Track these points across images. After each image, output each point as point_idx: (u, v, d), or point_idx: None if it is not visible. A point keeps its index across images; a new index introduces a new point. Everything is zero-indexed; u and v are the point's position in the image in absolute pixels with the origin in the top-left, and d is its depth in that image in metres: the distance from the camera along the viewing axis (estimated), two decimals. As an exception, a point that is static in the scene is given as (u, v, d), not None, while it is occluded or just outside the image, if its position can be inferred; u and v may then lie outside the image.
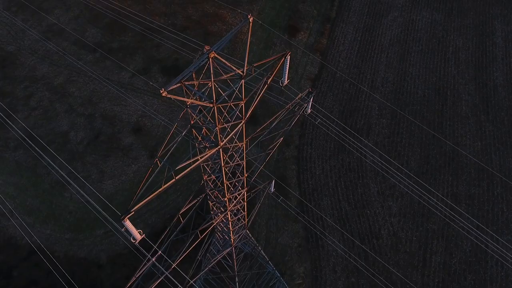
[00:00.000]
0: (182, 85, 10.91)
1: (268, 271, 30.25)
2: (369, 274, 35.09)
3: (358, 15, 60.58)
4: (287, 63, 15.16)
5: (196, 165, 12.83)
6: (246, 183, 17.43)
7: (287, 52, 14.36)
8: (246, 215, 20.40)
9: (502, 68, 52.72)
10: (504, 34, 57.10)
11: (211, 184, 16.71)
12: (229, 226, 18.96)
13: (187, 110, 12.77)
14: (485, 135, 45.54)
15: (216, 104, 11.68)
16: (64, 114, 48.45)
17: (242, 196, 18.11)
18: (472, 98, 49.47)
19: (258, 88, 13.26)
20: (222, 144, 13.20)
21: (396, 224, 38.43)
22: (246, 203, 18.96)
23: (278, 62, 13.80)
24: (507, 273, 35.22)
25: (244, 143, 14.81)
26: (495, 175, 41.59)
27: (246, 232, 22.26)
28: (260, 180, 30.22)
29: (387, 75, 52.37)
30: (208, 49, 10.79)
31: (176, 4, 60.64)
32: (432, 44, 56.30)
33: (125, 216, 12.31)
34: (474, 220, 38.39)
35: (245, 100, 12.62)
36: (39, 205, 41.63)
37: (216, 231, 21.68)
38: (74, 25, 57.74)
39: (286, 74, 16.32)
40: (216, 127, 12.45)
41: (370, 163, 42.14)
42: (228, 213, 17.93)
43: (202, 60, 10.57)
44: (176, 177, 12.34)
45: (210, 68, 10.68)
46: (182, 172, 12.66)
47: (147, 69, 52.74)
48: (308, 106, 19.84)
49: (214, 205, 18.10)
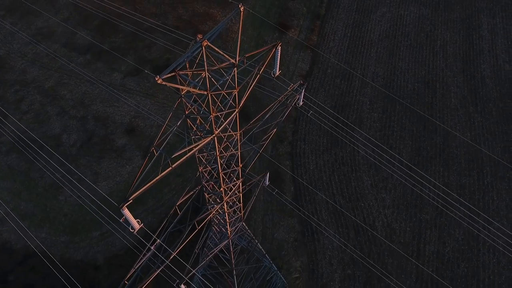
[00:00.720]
0: (176, 75, 11.14)
1: (265, 265, 30.57)
2: (366, 265, 35.61)
3: (347, 12, 61.23)
4: (278, 53, 15.47)
5: (192, 153, 13.07)
6: (241, 174, 17.71)
7: (278, 43, 14.67)
8: (242, 207, 20.68)
9: (489, 60, 53.75)
10: (490, 27, 58.19)
11: (206, 176, 16.94)
12: (226, 218, 19.20)
13: (181, 100, 13.00)
14: (474, 126, 46.45)
15: (210, 91, 11.92)
16: (56, 117, 48.20)
17: (237, 187, 18.38)
18: (460, 90, 50.37)
19: (250, 77, 13.58)
20: (216, 132, 13.45)
21: (390, 215, 39.04)
22: (241, 194, 19.24)
23: (270, 53, 14.11)
24: (498, 260, 36.03)
25: (238, 132, 15.09)
26: (485, 165, 42.47)
27: (242, 224, 22.52)
28: (255, 174, 30.53)
29: (377, 70, 53.05)
30: (200, 37, 11.03)
31: (166, 4, 60.65)
32: (421, 38, 57.16)
33: (124, 205, 12.52)
34: (466, 210, 39.18)
35: (238, 89, 12.90)
36: (33, 209, 41.39)
37: (213, 224, 21.91)
38: (64, 28, 57.40)
39: (278, 65, 16.64)
40: (210, 115, 12.69)
41: (364, 154, 42.71)
42: (224, 204, 18.19)
43: (195, 49, 10.81)
44: (173, 166, 12.56)
45: (203, 56, 10.92)
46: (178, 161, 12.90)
47: (139, 70, 52.68)
48: (300, 98, 20.18)
49: (210, 197, 18.34)
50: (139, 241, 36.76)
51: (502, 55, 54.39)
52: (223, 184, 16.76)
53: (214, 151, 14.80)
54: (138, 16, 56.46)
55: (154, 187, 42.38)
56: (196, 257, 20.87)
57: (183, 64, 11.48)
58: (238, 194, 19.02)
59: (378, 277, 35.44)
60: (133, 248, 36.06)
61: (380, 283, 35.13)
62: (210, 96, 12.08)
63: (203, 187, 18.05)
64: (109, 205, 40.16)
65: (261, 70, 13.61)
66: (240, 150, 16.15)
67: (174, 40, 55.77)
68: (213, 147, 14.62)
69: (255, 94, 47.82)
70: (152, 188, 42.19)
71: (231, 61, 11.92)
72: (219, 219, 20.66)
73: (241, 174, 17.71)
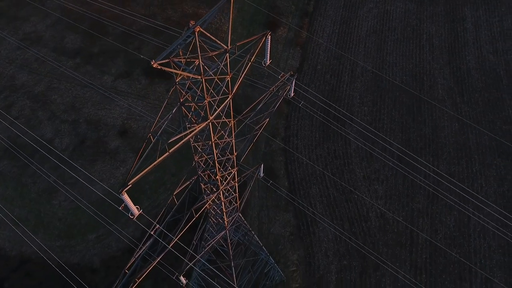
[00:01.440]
0: (170, 61, 11.47)
1: (262, 257, 30.97)
2: (365, 252, 36.24)
3: (335, 8, 62.05)
4: (268, 42, 15.89)
5: (188, 139, 13.40)
6: (235, 162, 18.09)
7: (268, 32, 15.08)
8: (237, 197, 21.03)
9: (473, 52, 55.02)
10: (473, 20, 59.54)
11: (202, 165, 17.27)
12: (222, 207, 19.55)
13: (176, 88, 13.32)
14: (462, 116, 47.54)
15: (204, 76, 12.26)
16: (47, 121, 47.94)
17: (232, 176, 18.74)
18: (447, 82, 51.47)
19: (242, 64, 14.00)
20: (211, 118, 13.81)
21: (383, 206, 39.77)
22: (237, 184, 19.61)
23: (260, 42, 14.52)
24: (489, 244, 36.99)
25: (232, 119, 15.44)
26: (473, 153, 43.52)
27: (238, 215, 22.86)
28: (249, 167, 30.88)
29: (366, 64, 53.91)
30: (193, 23, 11.36)
31: (155, 6, 60.71)
32: (407, 32, 58.22)
33: (123, 189, 12.77)
34: (455, 198, 40.11)
35: (231, 75, 13.28)
36: (27, 215, 41.13)
37: (210, 215, 22.23)
38: (52, 32, 57.08)
39: (268, 54, 17.07)
40: (205, 101, 13.04)
41: (355, 148, 43.42)
42: (220, 193, 18.53)
43: (188, 34, 11.12)
44: (170, 150, 12.89)
45: (196, 42, 11.26)
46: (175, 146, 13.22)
47: (130, 72, 52.67)
48: (291, 89, 20.60)
49: (206, 187, 18.68)
50: (139, 236, 36.86)
51: (486, 47, 55.72)
52: (218, 173, 17.09)
53: (209, 139, 15.15)
54: (127, 18, 56.44)
55: (149, 187, 42.48)
56: (194, 250, 21.15)
57: (177, 51, 11.81)
58: (233, 184, 19.38)
59: (373, 267, 36.10)
60: (131, 244, 36.13)
61: (375, 272, 35.79)
62: (204, 81, 12.43)
63: (199, 177, 18.36)
64: (105, 207, 40.22)
65: (252, 57, 14.02)
66: (234, 138, 16.54)
67: (165, 40, 55.89)
68: (208, 135, 14.97)
69: (246, 92, 48.25)
70: (147, 189, 42.30)
71: (223, 47, 12.30)
72: (216, 210, 20.99)
73: (236, 163, 18.09)
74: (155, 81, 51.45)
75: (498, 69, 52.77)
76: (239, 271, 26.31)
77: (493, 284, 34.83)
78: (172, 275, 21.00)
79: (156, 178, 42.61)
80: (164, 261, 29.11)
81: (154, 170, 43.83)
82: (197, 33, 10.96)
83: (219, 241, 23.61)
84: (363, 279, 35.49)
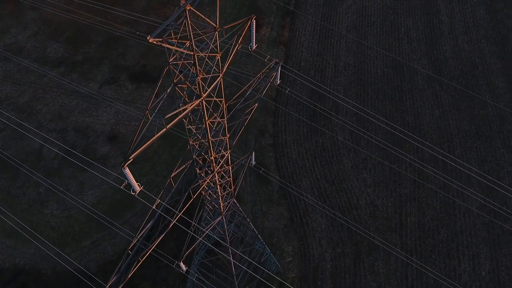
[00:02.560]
0: (163, 40, 12.12)
1: (258, 246, 31.63)
2: (362, 233, 37.27)
3: (315, 7, 63.54)
4: (253, 27, 16.72)
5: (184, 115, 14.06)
6: (228, 145, 18.84)
7: (252, 16, 15.89)
8: (232, 182, 21.71)
9: (449, 42, 57.24)
10: (448, 12, 61.92)
11: (197, 147, 17.91)
12: (217, 190, 20.18)
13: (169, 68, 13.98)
14: (442, 103, 49.41)
15: (196, 52, 12.92)
16: (34, 132, 47.58)
17: (225, 159, 19.46)
18: (426, 72, 53.40)
19: (231, 45, 14.79)
20: (204, 95, 14.50)
21: (372, 193, 41.00)
22: (230, 167, 20.32)
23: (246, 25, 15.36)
24: (474, 223, 38.58)
25: (223, 99, 16.13)
26: (454, 138, 45.30)
27: (233, 201, 23.50)
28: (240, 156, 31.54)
29: (348, 59, 55.42)
30: (183, 2, 12.03)
31: (137, 11, 60.95)
32: (386, 26, 60.10)
33: (125, 163, 13.28)
34: (440, 183, 41.70)
35: (221, 53, 14.02)
36: (19, 226, 40.71)
37: (206, 202, 22.82)
38: (34, 42, 56.71)
39: (254, 39, 17.92)
40: (198, 77, 13.72)
41: (342, 140, 44.62)
42: (215, 175, 19.20)
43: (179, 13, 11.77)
44: (167, 126, 13.53)
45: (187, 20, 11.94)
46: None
47: (115, 78, 52.77)
48: (277, 76, 21.40)
49: (201, 172, 19.33)
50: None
51: (461, 37, 58.04)
52: (213, 153, 17.78)
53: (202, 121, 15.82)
54: (110, 25, 56.58)
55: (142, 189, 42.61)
56: (192, 236, 21.70)
57: (169, 31, 12.44)
58: (227, 168, 20.08)
59: (366, 252, 37.19)
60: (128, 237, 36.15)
61: (368, 257, 36.87)
62: (196, 57, 13.12)
63: (194, 161, 18.99)
64: (97, 214, 40.19)
65: (240, 38, 14.84)
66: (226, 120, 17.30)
67: (149, 46, 56.25)
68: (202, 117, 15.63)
69: (232, 90, 48.99)
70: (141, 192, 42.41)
71: (212, 25, 13.06)
72: (211, 195, 21.61)
73: (228, 145, 18.82)
74: (142, 85, 51.71)
75: (473, 57, 55.05)
76: (236, 259, 26.89)
77: (480, 260, 36.36)
78: (172, 264, 21.49)
79: (148, 180, 42.86)
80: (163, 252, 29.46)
81: (146, 173, 44.11)
82: (187, 11, 11.64)
83: (215, 227, 24.20)
84: (357, 264, 36.51)
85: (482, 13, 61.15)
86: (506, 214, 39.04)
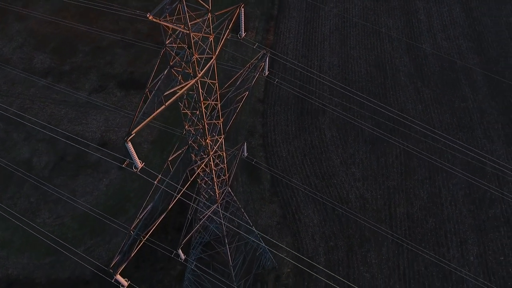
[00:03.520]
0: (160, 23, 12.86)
1: (252, 240, 32.15)
2: (359, 220, 38.05)
3: (298, 10, 65.28)
4: (242, 15, 17.67)
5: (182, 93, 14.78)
6: (222, 130, 19.61)
7: (241, 4, 16.82)
8: (226, 168, 22.37)
9: (428, 39, 59.47)
10: (425, 11, 64.39)
11: (193, 131, 18.56)
12: (213, 176, 20.81)
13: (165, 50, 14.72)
14: (424, 98, 51.17)
15: (192, 31, 13.66)
16: (23, 142, 47.41)
17: (220, 145, 20.18)
18: (407, 69, 55.30)
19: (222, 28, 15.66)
20: (200, 75, 15.24)
21: (361, 187, 42.04)
22: (224, 153, 21.03)
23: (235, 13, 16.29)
24: (460, 210, 39.89)
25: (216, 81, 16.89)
26: (437, 130, 46.92)
27: (228, 190, 24.09)
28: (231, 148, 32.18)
29: (332, 60, 57.00)
30: None
31: (123, 20, 61.60)
32: (367, 27, 62.09)
33: (128, 138, 13.79)
34: (426, 172, 43.05)
35: (213, 35, 14.82)
36: (11, 237, 40.36)
37: (202, 190, 23.42)
38: (20, 54, 56.68)
39: (243, 27, 18.89)
40: (193, 57, 14.45)
41: (330, 136, 45.75)
42: (211, 159, 19.86)
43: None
44: (166, 103, 14.21)
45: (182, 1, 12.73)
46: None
47: (104, 86, 53.07)
48: (265, 67, 22.25)
49: (197, 158, 20.01)
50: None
51: (439, 34, 60.37)
52: (208, 136, 18.49)
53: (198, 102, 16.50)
54: (96, 34, 57.04)
55: (134, 195, 42.80)
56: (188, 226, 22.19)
57: (164, 15, 13.16)
58: (221, 154, 20.80)
59: (358, 244, 38.03)
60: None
61: (360, 249, 37.70)
62: (191, 37, 13.86)
63: (190, 147, 19.65)
64: (91, 219, 40.21)
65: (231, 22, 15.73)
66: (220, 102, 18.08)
67: (136, 54, 56.88)
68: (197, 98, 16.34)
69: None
70: (132, 196, 42.61)
71: (205, 7, 13.90)
72: (206, 182, 22.22)
73: (222, 130, 19.58)
74: (131, 92, 52.12)
75: (452, 53, 57.27)
76: (232, 250, 27.39)
77: (467, 246, 37.56)
78: (170, 254, 21.91)
79: (140, 185, 43.06)
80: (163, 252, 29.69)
81: (137, 178, 44.27)
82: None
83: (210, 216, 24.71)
84: (349, 257, 37.29)
85: (458, 11, 63.79)
86: (489, 201, 40.54)
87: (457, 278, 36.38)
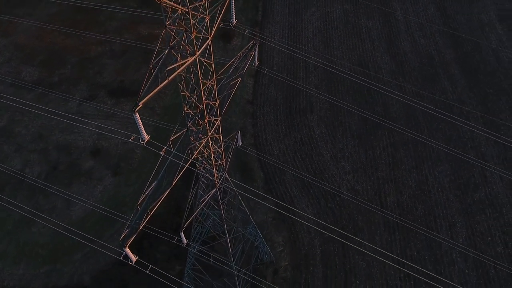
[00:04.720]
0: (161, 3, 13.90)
1: (250, 230, 32.87)
2: (356, 202, 39.09)
3: (281, 15, 67.44)
4: (233, 3, 18.91)
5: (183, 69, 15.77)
6: (219, 112, 20.59)
7: None
8: (223, 153, 23.30)
9: (407, 38, 62.20)
10: (403, 11, 67.42)
11: (192, 113, 19.47)
12: (211, 157, 21.66)
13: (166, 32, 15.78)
14: (406, 93, 53.32)
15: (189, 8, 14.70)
16: (14, 154, 47.30)
17: (216, 128, 21.15)
18: (389, 66, 57.63)
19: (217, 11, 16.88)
20: (198, 53, 16.26)
21: (352, 179, 43.38)
22: (221, 137, 21.98)
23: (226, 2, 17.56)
24: (447, 196, 41.58)
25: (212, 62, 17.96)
26: (421, 121, 48.94)
27: (225, 175, 24.92)
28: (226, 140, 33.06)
29: (317, 60, 58.94)
30: None
31: (110, 31, 62.47)
32: (348, 29, 64.56)
33: (135, 109, 14.57)
34: (412, 162, 44.74)
35: (209, 16, 15.95)
36: (6, 248, 40.00)
37: (200, 176, 24.19)
38: (8, 68, 56.78)
39: (233, 15, 20.13)
40: (192, 35, 15.46)
41: (319, 133, 47.17)
42: (209, 140, 20.78)
43: None
44: (169, 78, 15.14)
45: None
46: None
47: (94, 95, 53.53)
48: (255, 57, 23.40)
49: (195, 139, 20.90)
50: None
51: (417, 32, 63.21)
52: (206, 116, 19.42)
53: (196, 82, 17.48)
54: (84, 45, 57.70)
55: (130, 199, 43.09)
56: (189, 209, 22.89)
57: None
58: (218, 137, 21.76)
59: (352, 234, 39.10)
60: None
61: (355, 238, 38.74)
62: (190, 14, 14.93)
63: (189, 130, 20.53)
64: (87, 226, 40.27)
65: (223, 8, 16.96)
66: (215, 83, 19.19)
67: (125, 63, 57.66)
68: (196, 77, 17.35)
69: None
70: (128, 201, 42.88)
71: None
72: (205, 166, 23.05)
73: (219, 112, 20.57)
74: (121, 100, 52.71)
75: (429, 49, 60.00)
76: (231, 240, 28.07)
77: (456, 229, 39.10)
78: (172, 240, 22.53)
79: (135, 189, 43.40)
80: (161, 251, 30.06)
81: (133, 182, 44.63)
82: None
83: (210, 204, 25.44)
84: (345, 247, 38.30)
85: (433, 10, 66.99)
86: (474, 185, 42.37)
87: (449, 261, 37.75)
